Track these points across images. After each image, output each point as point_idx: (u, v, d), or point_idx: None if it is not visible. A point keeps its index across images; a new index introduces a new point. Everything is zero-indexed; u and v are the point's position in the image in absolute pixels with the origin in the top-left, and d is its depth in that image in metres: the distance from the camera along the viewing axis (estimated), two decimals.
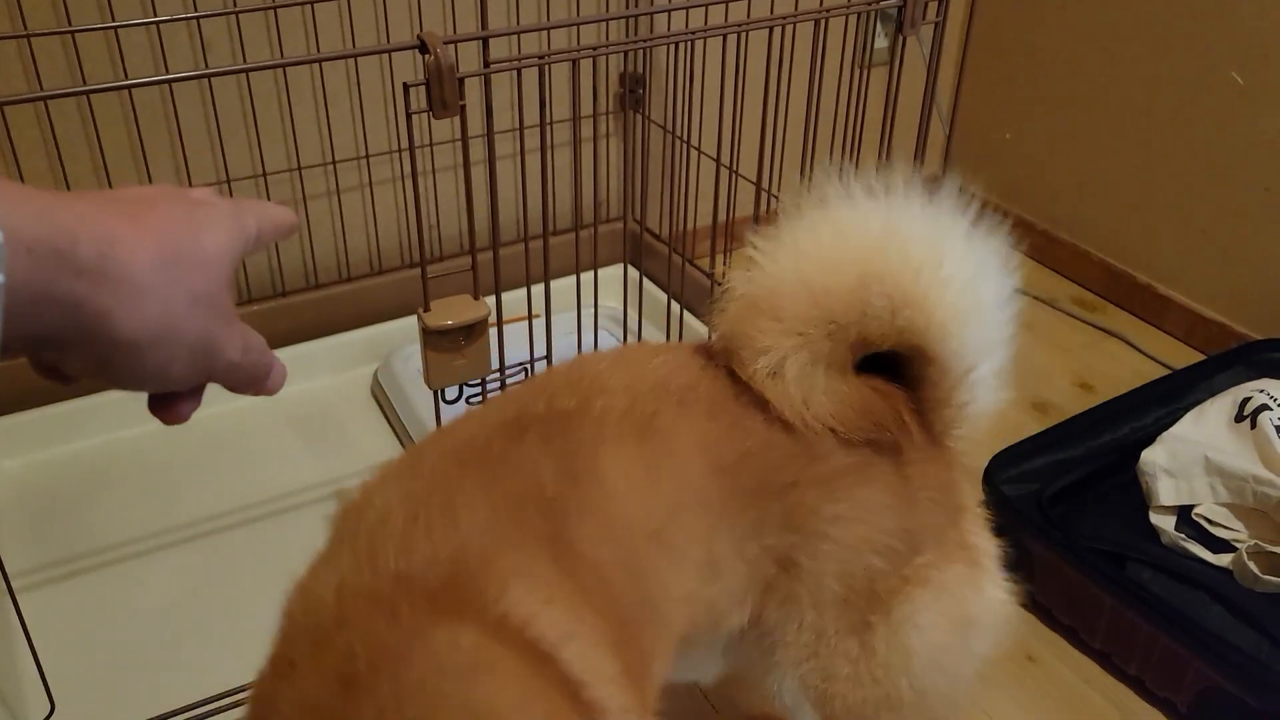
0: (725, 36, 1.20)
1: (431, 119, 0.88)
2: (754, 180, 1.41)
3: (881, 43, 1.99)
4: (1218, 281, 1.75)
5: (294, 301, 1.67)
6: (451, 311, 0.99)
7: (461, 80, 0.88)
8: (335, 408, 1.62)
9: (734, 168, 1.48)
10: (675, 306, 1.66)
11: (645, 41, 1.08)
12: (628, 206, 1.88)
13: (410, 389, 1.53)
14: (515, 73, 0.96)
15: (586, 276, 1.59)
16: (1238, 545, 1.24)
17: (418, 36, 0.87)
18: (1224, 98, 1.66)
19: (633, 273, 1.83)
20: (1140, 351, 1.77)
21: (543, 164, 1.02)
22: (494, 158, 0.95)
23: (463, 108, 0.89)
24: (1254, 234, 1.68)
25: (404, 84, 0.88)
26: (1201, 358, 1.68)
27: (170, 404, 0.47)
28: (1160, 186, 1.79)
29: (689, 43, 1.47)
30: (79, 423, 1.50)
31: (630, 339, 1.72)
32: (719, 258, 1.57)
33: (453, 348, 1.00)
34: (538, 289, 1.32)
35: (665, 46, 1.67)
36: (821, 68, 1.21)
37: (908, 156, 1.33)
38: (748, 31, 1.17)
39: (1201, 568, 1.24)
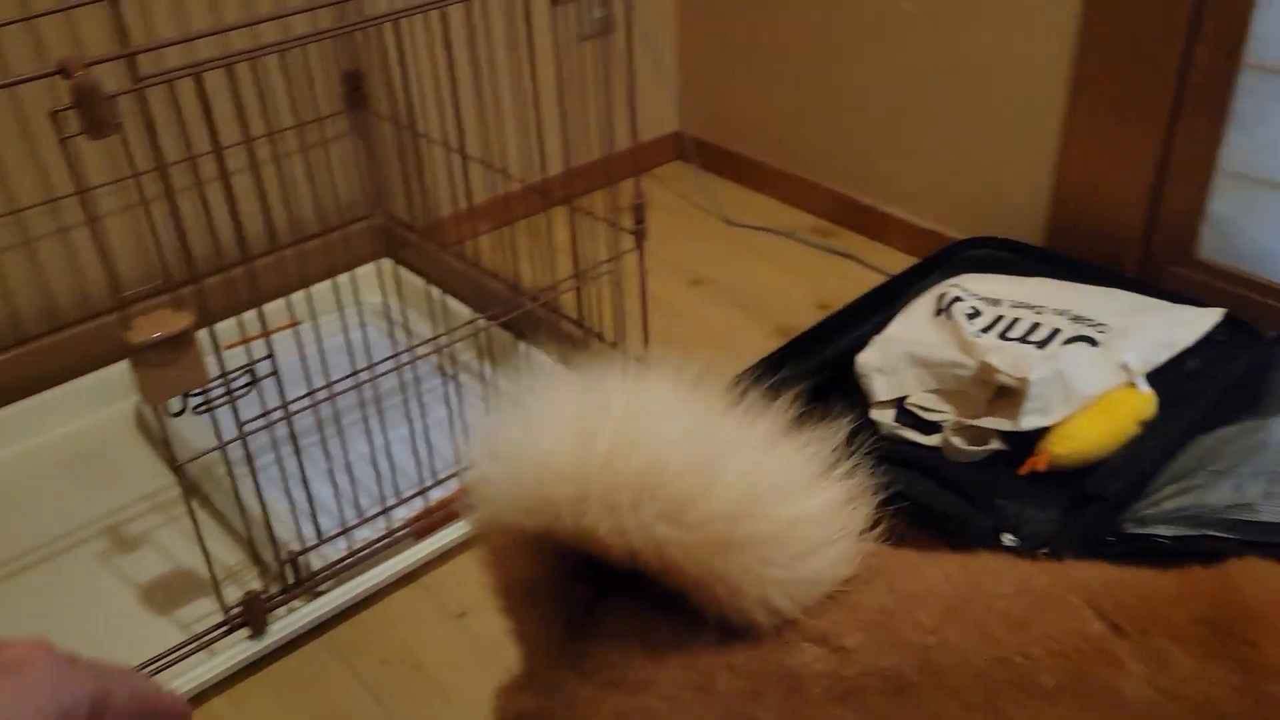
0: (428, 16, 1.25)
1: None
2: (486, 161, 1.48)
3: (599, 13, 2.07)
4: (927, 194, 1.91)
5: (43, 345, 1.64)
6: (154, 325, 1.02)
7: (150, 92, 0.91)
8: (104, 442, 1.61)
9: (464, 150, 1.53)
10: (436, 292, 1.72)
11: (306, 40, 1.12)
12: (374, 202, 1.92)
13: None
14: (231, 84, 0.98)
15: (345, 276, 1.63)
16: (945, 425, 1.38)
17: (58, 62, 0.89)
18: (900, 25, 1.81)
19: (395, 266, 1.87)
20: (870, 267, 1.92)
21: (220, 179, 1.05)
22: (168, 177, 0.98)
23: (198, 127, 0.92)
24: (948, 147, 1.84)
25: (50, 111, 0.90)
26: None
27: None
28: (866, 113, 1.94)
29: (395, 32, 1.52)
30: None
31: (396, 330, 1.76)
32: (479, 241, 1.63)
33: (163, 362, 1.03)
34: (299, 295, 1.36)
35: (375, 40, 1.71)
36: (530, 42, 1.27)
37: (634, 120, 1.41)
38: (443, 9, 1.22)
39: (913, 450, 1.37)
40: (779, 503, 0.61)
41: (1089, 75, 1.59)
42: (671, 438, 0.61)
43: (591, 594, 0.66)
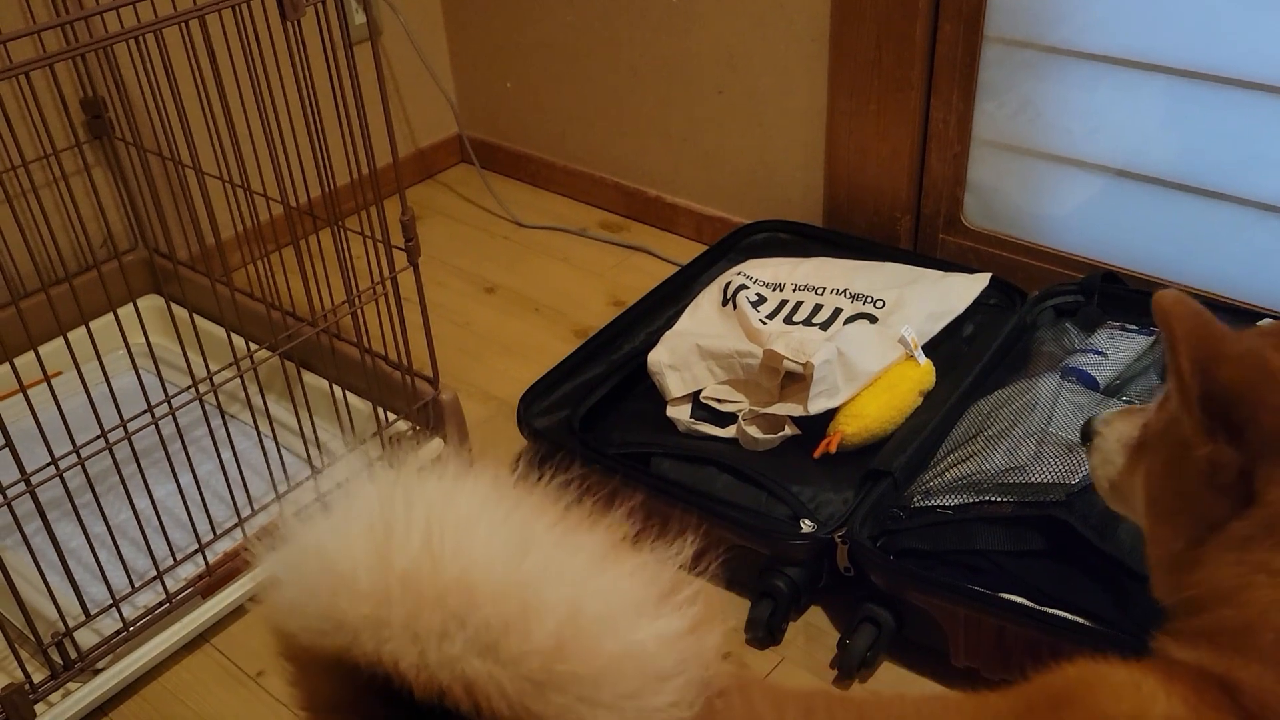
0: (142, 38, 1.16)
1: None
2: (250, 186, 1.38)
3: (361, 18, 1.99)
4: (707, 181, 1.92)
5: None
6: None
7: None
8: None
9: (230, 178, 1.43)
10: (209, 326, 1.61)
11: (29, 65, 1.02)
12: (134, 235, 1.79)
13: None
14: None
15: (107, 318, 1.50)
16: (740, 415, 1.39)
17: None
18: (666, 17, 1.81)
19: (161, 302, 1.75)
20: (662, 259, 1.91)
21: None
22: None
23: None
24: (720, 132, 1.85)
25: None
26: None
27: None
28: (640, 106, 1.93)
29: (134, 54, 1.40)
30: None
31: (166, 371, 1.64)
32: (250, 269, 1.52)
33: None
34: (53, 345, 1.24)
35: (113, 64, 1.59)
36: (296, 55, 1.19)
37: (411, 128, 1.34)
38: (159, 30, 1.13)
39: (711, 444, 1.37)
40: (607, 634, 0.54)
41: (845, 56, 1.62)
42: (486, 553, 0.54)
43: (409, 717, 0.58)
